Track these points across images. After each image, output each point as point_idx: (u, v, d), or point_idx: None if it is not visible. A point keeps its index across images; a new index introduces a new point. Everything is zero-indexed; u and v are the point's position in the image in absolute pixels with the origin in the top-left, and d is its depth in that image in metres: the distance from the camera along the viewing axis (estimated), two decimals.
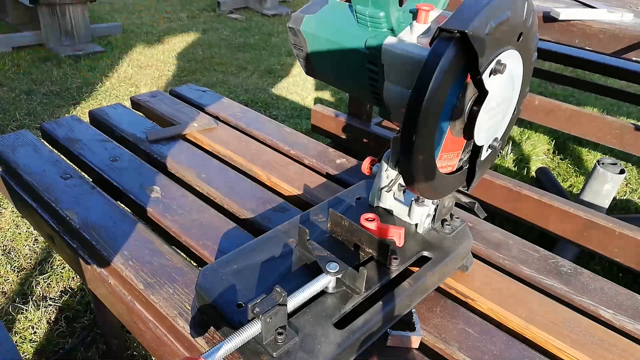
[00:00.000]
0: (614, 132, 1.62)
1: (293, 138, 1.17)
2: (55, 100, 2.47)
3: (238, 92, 2.80)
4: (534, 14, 0.54)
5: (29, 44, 3.09)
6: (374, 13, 0.57)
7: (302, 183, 0.98)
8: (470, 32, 0.45)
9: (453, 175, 0.60)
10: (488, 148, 0.60)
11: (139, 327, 0.72)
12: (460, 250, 0.70)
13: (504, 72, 0.51)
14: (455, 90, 0.50)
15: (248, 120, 1.25)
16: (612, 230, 1.05)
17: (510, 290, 0.73)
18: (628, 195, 1.92)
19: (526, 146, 2.21)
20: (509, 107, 0.59)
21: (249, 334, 0.51)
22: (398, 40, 0.56)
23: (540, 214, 1.15)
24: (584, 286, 0.77)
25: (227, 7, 4.39)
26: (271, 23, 4.20)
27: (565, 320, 0.69)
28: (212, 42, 3.62)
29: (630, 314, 0.72)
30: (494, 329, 0.67)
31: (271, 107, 2.65)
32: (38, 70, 2.84)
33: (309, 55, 0.68)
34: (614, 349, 0.65)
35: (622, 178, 1.42)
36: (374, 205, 0.74)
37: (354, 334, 0.56)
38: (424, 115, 0.48)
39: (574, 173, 2.05)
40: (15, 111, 2.34)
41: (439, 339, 0.64)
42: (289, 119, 2.51)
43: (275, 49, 3.57)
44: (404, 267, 0.66)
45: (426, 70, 0.47)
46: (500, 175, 1.22)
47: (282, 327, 0.53)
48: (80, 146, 1.06)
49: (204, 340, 0.62)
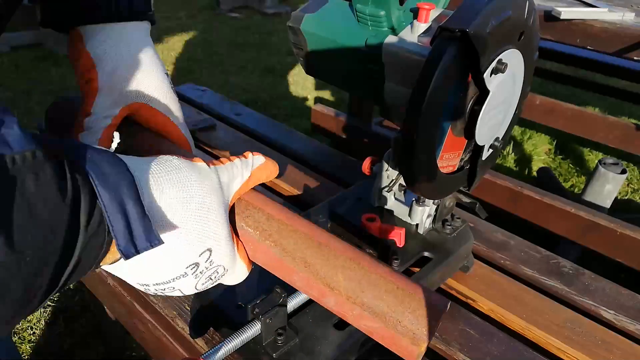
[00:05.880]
0: (615, 132, 1.61)
1: (293, 137, 1.17)
2: (53, 99, 2.47)
3: (238, 92, 2.79)
4: (535, 13, 0.53)
5: (27, 44, 3.09)
6: (374, 12, 0.56)
7: (302, 183, 0.97)
8: (472, 31, 0.44)
9: (454, 175, 0.59)
10: (489, 148, 0.59)
11: (139, 327, 0.71)
12: (461, 251, 0.70)
13: (505, 71, 0.51)
14: (456, 89, 0.50)
15: (248, 119, 1.25)
16: (613, 231, 1.05)
17: (511, 291, 0.73)
18: (630, 195, 1.91)
19: (527, 146, 2.20)
20: (510, 106, 0.59)
21: (248, 334, 0.50)
22: (399, 39, 0.56)
23: (541, 214, 1.15)
24: (585, 287, 0.76)
25: (227, 6, 4.39)
26: (271, 22, 4.20)
27: (567, 320, 0.69)
28: (211, 41, 3.61)
29: (631, 314, 0.71)
30: (494, 329, 0.66)
31: (271, 106, 2.65)
32: (36, 69, 2.84)
33: (309, 54, 0.67)
34: (615, 350, 0.65)
35: (624, 178, 1.41)
36: (374, 206, 0.74)
37: (354, 334, 0.56)
38: (425, 114, 0.47)
39: (576, 173, 2.05)
40: (14, 111, 2.34)
41: (439, 340, 0.64)
42: (289, 119, 2.51)
43: (275, 48, 3.57)
44: (404, 268, 0.65)
45: (427, 69, 0.46)
46: (502, 175, 1.22)
47: (282, 328, 0.53)
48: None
49: (204, 341, 0.62)
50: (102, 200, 0.29)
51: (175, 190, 0.35)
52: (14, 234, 0.24)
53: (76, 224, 0.28)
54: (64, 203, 0.27)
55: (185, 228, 0.35)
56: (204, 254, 0.37)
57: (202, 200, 0.36)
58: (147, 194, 0.33)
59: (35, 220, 0.25)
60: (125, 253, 0.30)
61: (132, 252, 0.31)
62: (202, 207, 0.36)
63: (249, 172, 0.41)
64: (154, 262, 0.35)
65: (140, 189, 0.32)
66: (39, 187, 0.25)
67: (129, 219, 0.30)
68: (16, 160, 0.24)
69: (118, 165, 0.31)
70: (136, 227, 0.31)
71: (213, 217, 0.37)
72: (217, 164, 0.40)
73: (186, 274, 0.37)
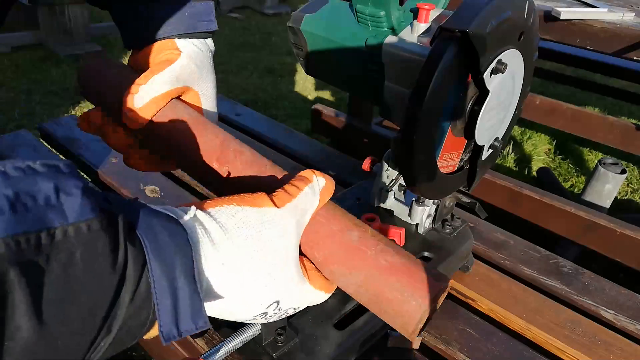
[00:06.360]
0: (615, 132, 1.61)
1: (293, 137, 1.17)
2: (54, 100, 2.47)
3: (238, 92, 2.79)
4: (535, 13, 0.54)
5: (27, 44, 3.09)
6: (374, 12, 0.57)
7: None
8: (471, 32, 0.45)
9: (454, 175, 0.59)
10: (489, 148, 0.59)
11: None
12: (460, 251, 0.70)
13: (505, 71, 0.51)
14: (456, 89, 0.50)
15: (248, 119, 1.25)
16: (613, 231, 1.05)
17: (511, 291, 0.73)
18: (629, 195, 1.91)
19: (527, 146, 2.20)
20: (510, 106, 0.59)
21: (248, 334, 0.50)
22: (398, 39, 0.56)
23: (541, 214, 1.15)
24: (585, 286, 0.76)
25: (227, 6, 4.39)
26: (271, 22, 4.20)
27: (566, 320, 0.69)
28: None
29: (631, 314, 0.71)
30: (494, 329, 0.66)
31: (271, 106, 2.65)
32: (37, 70, 2.84)
33: (309, 54, 0.68)
34: (615, 350, 0.65)
35: (624, 178, 1.41)
36: (374, 206, 0.74)
37: (354, 334, 0.56)
38: (425, 115, 0.47)
39: (575, 173, 2.05)
40: (14, 111, 2.34)
41: (439, 340, 0.64)
42: (289, 119, 2.51)
43: (275, 48, 3.57)
44: None
45: (427, 69, 0.46)
46: (501, 175, 1.22)
47: (282, 327, 0.53)
48: (79, 146, 1.06)
49: (204, 341, 0.62)
50: (152, 275, 0.27)
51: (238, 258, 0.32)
52: (45, 313, 0.22)
53: (120, 299, 0.26)
54: (111, 278, 0.25)
55: (250, 292, 0.33)
56: (272, 306, 0.35)
57: (271, 256, 0.33)
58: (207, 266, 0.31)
59: (76, 299, 0.24)
60: (165, 337, 0.28)
61: (174, 336, 0.29)
62: (269, 265, 0.33)
63: (317, 199, 0.38)
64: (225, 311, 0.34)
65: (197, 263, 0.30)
66: (87, 261, 0.24)
67: (178, 298, 0.28)
68: (68, 233, 0.23)
69: (178, 235, 0.29)
70: (183, 307, 0.28)
71: (279, 268, 0.34)
72: (286, 199, 0.35)
73: (255, 319, 0.36)
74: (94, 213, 0.25)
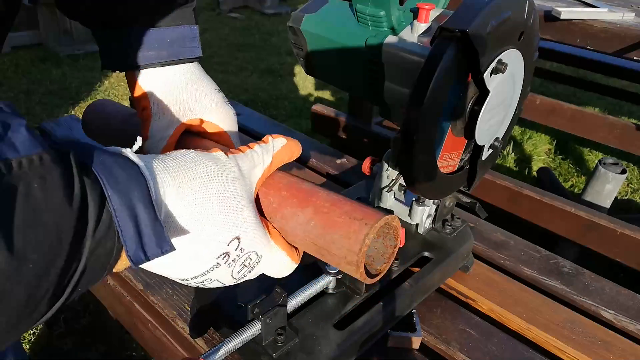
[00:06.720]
0: (615, 132, 1.61)
1: (293, 138, 1.17)
2: (54, 99, 2.47)
3: (238, 92, 2.79)
4: (535, 13, 0.54)
5: (27, 44, 3.09)
6: (374, 12, 0.56)
7: None
8: (471, 32, 0.45)
9: (454, 175, 0.59)
10: (489, 148, 0.59)
11: (139, 327, 0.71)
12: (461, 251, 0.70)
13: (505, 71, 0.51)
14: (456, 89, 0.50)
15: (248, 119, 1.25)
16: (613, 231, 1.05)
17: (511, 291, 0.73)
18: (629, 195, 1.91)
19: (527, 146, 2.20)
20: (510, 106, 0.59)
21: (248, 334, 0.50)
22: (399, 39, 0.56)
23: (541, 214, 1.15)
24: (585, 286, 0.76)
25: (227, 6, 4.39)
26: (271, 22, 4.20)
27: (566, 320, 0.69)
28: (211, 41, 3.61)
29: (631, 314, 0.71)
30: (494, 329, 0.66)
31: (271, 106, 2.65)
32: (37, 70, 2.84)
33: (309, 54, 0.68)
34: (615, 350, 0.65)
35: (624, 178, 1.42)
36: (374, 206, 0.74)
37: (354, 334, 0.56)
38: (425, 115, 0.47)
39: (576, 173, 2.05)
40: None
41: (439, 340, 0.64)
42: (289, 119, 2.51)
43: (275, 48, 3.57)
44: (404, 268, 0.65)
45: (427, 69, 0.46)
46: (502, 175, 1.22)
47: (282, 327, 0.53)
48: None
49: (204, 341, 0.62)
50: (111, 205, 0.28)
51: (194, 184, 0.34)
52: (15, 239, 0.23)
53: (83, 229, 0.27)
54: (71, 208, 0.26)
55: (209, 220, 0.34)
56: (233, 243, 0.36)
57: (223, 189, 0.36)
58: (163, 192, 0.32)
59: (40, 225, 0.24)
60: (134, 260, 0.30)
61: (141, 259, 0.30)
62: (223, 196, 0.35)
63: (270, 157, 0.41)
64: (186, 257, 0.35)
65: (155, 189, 0.31)
66: (45, 191, 0.25)
67: (140, 224, 0.29)
68: (23, 164, 0.24)
69: (130, 168, 0.31)
70: (147, 232, 0.30)
71: (235, 205, 0.36)
72: (236, 153, 0.39)
73: (218, 264, 0.36)
74: (43, 147, 0.25)
